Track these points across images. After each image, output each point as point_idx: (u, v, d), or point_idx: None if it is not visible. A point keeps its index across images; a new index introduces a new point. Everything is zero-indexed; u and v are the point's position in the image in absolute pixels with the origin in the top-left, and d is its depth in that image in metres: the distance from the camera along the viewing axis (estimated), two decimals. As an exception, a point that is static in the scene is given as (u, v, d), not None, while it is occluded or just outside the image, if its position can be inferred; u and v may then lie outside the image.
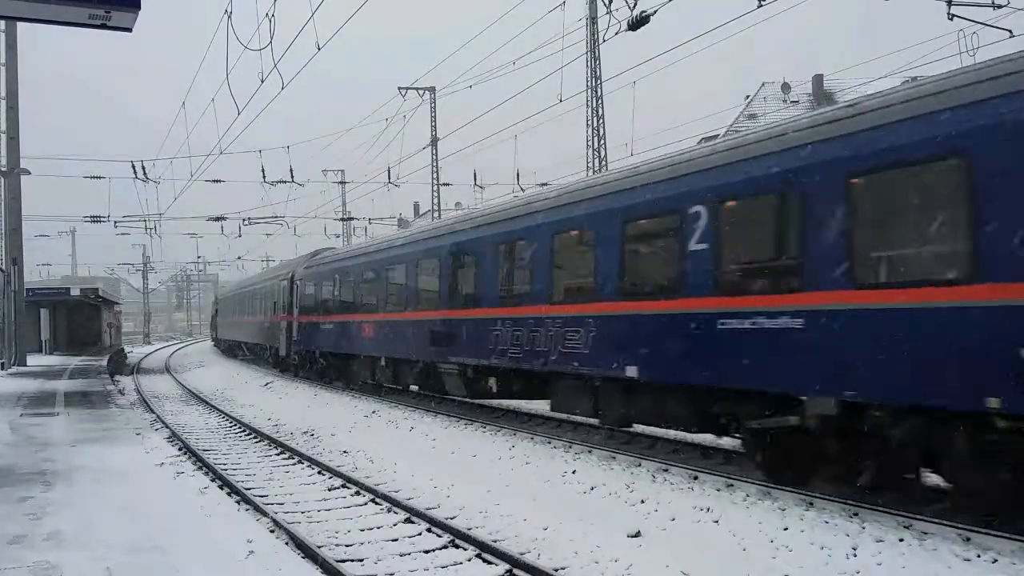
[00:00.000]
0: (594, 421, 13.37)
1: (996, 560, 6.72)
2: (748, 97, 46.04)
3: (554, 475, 11.05)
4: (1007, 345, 6.60)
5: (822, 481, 9.17)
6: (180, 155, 46.92)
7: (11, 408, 17.70)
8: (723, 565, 7.31)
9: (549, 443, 13.18)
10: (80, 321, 50.51)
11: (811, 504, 8.62)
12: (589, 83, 27.64)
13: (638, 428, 13.23)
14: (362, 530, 9.37)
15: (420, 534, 9.09)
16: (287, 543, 8.43)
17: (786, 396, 8.87)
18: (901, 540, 7.27)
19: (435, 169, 39.88)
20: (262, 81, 15.42)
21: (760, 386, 9.00)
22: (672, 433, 12.71)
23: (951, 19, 17.44)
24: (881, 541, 7.28)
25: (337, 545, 8.68)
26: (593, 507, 9.54)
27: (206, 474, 11.97)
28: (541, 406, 15.72)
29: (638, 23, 17.42)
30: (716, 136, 12.99)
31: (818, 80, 41.91)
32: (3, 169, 31.27)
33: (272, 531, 8.83)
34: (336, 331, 23.87)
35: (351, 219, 52.64)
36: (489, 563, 7.94)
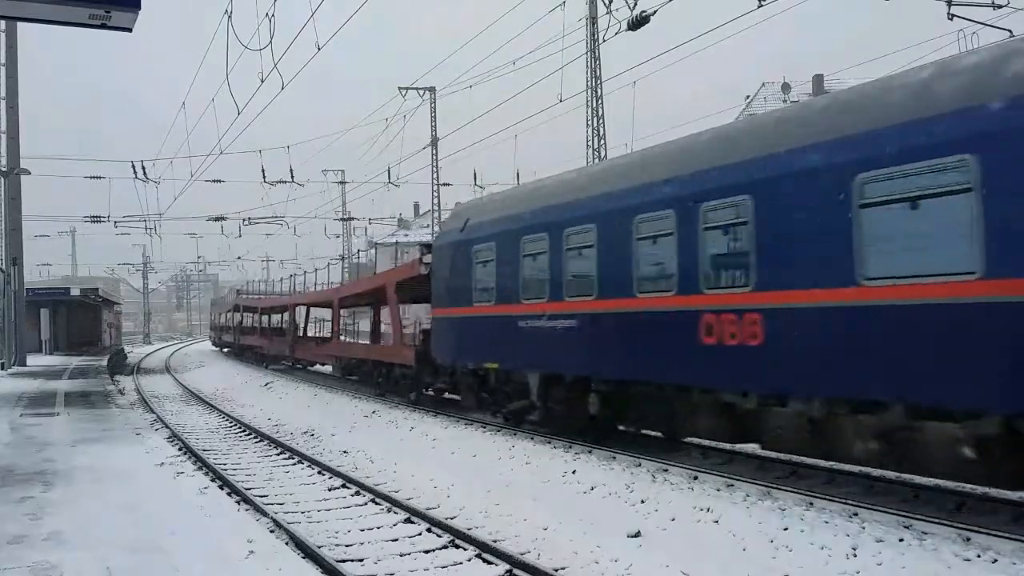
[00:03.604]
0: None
1: (996, 560, 6.71)
2: (748, 97, 46.10)
3: (554, 475, 11.04)
4: None
5: None
6: (180, 155, 46.91)
7: (11, 408, 17.70)
8: (723, 565, 7.30)
9: (549, 443, 13.17)
10: (80, 321, 50.53)
11: (811, 504, 8.61)
12: (589, 83, 27.63)
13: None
14: (362, 530, 9.38)
15: (420, 534, 9.09)
16: (287, 543, 8.42)
17: None
18: (901, 540, 7.27)
19: (435, 169, 39.92)
20: (262, 81, 15.42)
21: None
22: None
23: (951, 19, 17.47)
24: (881, 541, 7.28)
25: (337, 545, 8.69)
26: (593, 507, 9.53)
27: (206, 474, 11.97)
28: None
29: (638, 23, 17.45)
30: None
31: (818, 80, 41.90)
32: (3, 169, 31.28)
33: (272, 531, 8.83)
34: None
35: (351, 219, 52.80)
36: (489, 563, 7.94)
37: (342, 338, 28.64)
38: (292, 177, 36.70)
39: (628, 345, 11.37)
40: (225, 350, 52.02)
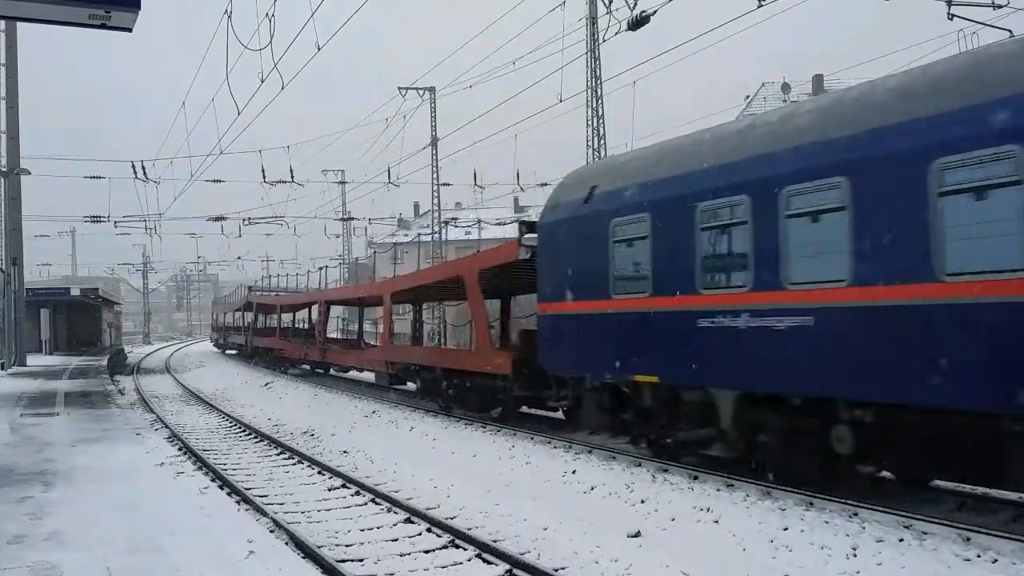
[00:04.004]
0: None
1: (996, 560, 6.72)
2: (748, 97, 46.08)
3: (554, 475, 11.05)
4: None
5: None
6: (180, 155, 46.95)
7: (11, 408, 17.70)
8: (723, 565, 7.31)
9: (549, 443, 13.18)
10: (80, 321, 50.55)
11: (811, 504, 8.61)
12: (589, 83, 27.62)
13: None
14: (362, 530, 9.38)
15: (420, 534, 9.09)
16: (287, 543, 8.42)
17: None
18: (901, 540, 7.28)
19: (435, 169, 39.89)
20: (262, 81, 15.43)
21: None
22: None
23: (951, 19, 17.48)
24: (881, 541, 7.28)
25: (337, 545, 8.68)
26: (593, 507, 9.54)
27: (206, 474, 11.97)
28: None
29: (638, 23, 17.45)
30: None
31: (818, 80, 41.90)
32: (3, 169, 31.29)
33: (272, 531, 8.83)
34: None
35: (351, 219, 52.83)
36: (489, 563, 7.94)
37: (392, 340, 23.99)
38: (292, 177, 36.73)
39: (927, 354, 7.40)
40: (230, 352, 50.13)
